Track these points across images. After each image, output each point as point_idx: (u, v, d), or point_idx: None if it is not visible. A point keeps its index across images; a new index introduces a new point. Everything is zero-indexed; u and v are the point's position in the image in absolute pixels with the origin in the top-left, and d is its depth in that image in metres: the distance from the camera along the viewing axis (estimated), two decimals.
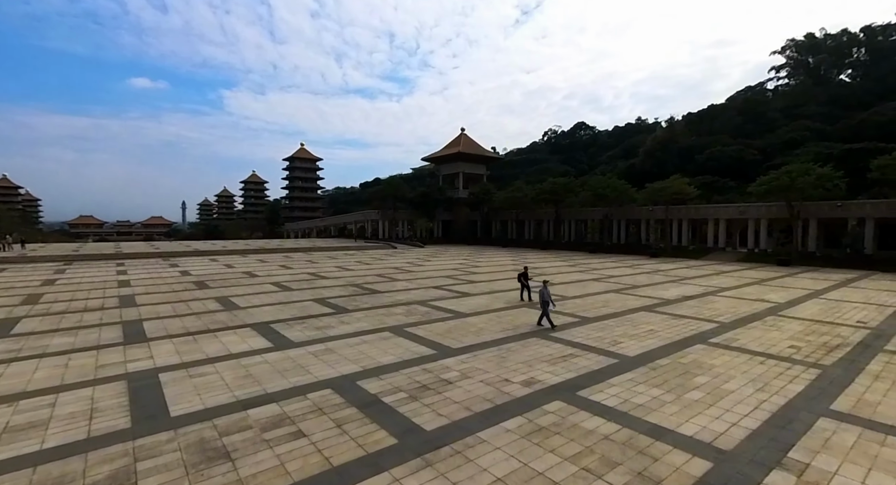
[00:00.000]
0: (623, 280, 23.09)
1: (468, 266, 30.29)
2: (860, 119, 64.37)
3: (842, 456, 5.64)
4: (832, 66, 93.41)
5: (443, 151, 67.90)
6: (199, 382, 8.23)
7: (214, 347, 10.55)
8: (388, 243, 53.40)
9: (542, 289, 12.37)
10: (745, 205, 39.02)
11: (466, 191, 64.42)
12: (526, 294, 16.97)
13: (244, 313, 14.45)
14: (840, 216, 34.11)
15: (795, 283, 22.48)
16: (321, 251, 44.57)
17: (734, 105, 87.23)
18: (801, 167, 33.78)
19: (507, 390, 7.78)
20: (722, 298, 17.64)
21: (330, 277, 23.84)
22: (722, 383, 8.16)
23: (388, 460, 5.50)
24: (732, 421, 6.63)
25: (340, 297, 17.63)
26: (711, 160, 66.40)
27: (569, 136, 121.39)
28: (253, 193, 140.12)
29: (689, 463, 5.44)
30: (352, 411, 6.93)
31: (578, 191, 48.29)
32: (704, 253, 39.29)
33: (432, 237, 63.60)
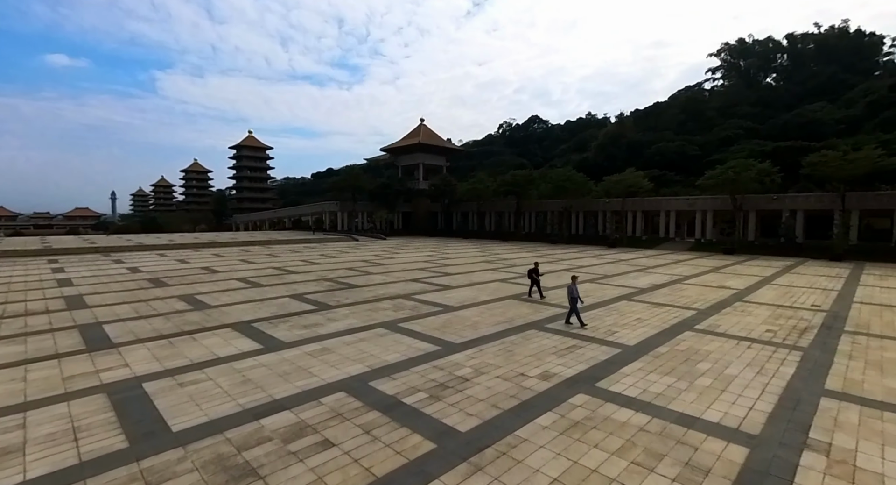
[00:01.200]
0: (593, 270, 23.84)
1: (438, 258, 30.07)
2: (785, 119, 70.14)
3: (854, 434, 6.04)
4: (760, 70, 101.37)
5: (402, 141, 66.80)
6: (192, 390, 7.47)
7: (197, 350, 9.65)
8: (349, 236, 51.96)
9: (571, 285, 11.75)
10: (694, 197, 41.59)
11: (427, 182, 63.92)
12: (536, 292, 15.66)
13: (218, 313, 13.39)
14: (775, 208, 37.22)
15: (745, 270, 24.24)
16: (280, 244, 42.55)
17: (676, 103, 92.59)
18: (742, 163, 36.46)
19: (528, 385, 7.70)
20: (689, 286, 18.64)
21: (299, 272, 22.74)
22: (724, 369, 8.54)
23: (435, 467, 5.22)
24: (748, 405, 6.93)
25: (317, 292, 16.84)
26: (657, 155, 69.97)
27: (523, 129, 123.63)
28: (195, 183, 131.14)
29: (727, 450, 5.60)
30: (375, 415, 6.54)
31: (539, 183, 49.30)
32: (657, 243, 41.55)
33: (392, 229, 62.71)
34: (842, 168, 31.14)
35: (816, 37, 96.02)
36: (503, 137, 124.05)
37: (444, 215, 63.03)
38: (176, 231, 72.83)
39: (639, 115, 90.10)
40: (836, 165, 31.35)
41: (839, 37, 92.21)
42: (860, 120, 62.66)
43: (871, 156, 30.39)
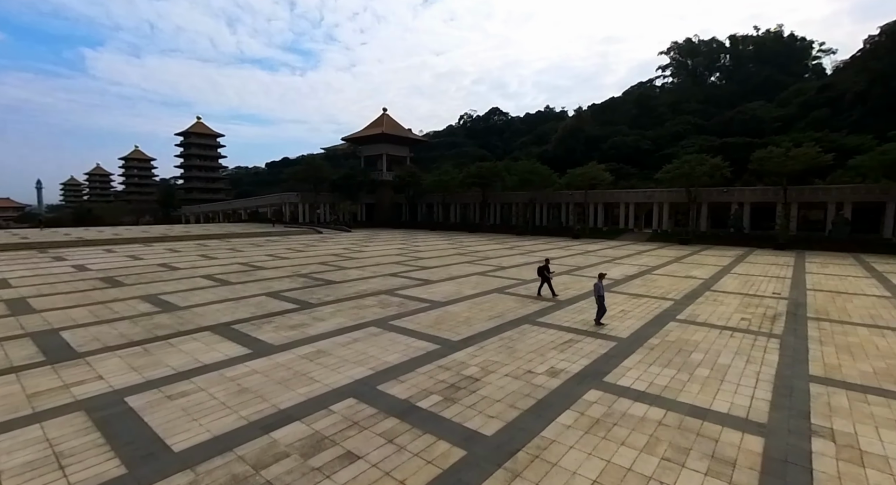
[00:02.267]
0: (565, 262, 24.39)
1: (410, 251, 29.69)
2: (729, 116, 74.50)
3: (849, 418, 6.47)
4: (706, 69, 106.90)
5: (365, 131, 65.16)
6: (185, 404, 6.86)
7: (178, 358, 8.91)
8: (312, 228, 50.27)
9: (598, 283, 11.39)
10: (651, 190, 43.51)
11: (391, 173, 62.90)
12: (547, 289, 14.79)
13: (190, 314, 12.47)
14: (725, 201, 39.67)
15: (704, 260, 25.67)
16: (240, 238, 40.46)
17: (630, 99, 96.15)
18: (697, 158, 38.48)
19: (538, 383, 7.68)
20: (659, 276, 19.46)
21: (268, 268, 21.68)
22: (716, 359, 8.92)
23: (471, 476, 5.06)
24: (749, 394, 7.27)
25: (294, 289, 16.10)
26: (613, 148, 72.51)
27: (484, 121, 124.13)
28: (137, 172, 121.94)
29: (745, 440, 5.82)
30: (394, 422, 6.28)
31: (504, 175, 49.74)
32: (617, 234, 43.21)
33: (356, 221, 61.37)
34: (784, 164, 33.52)
35: (755, 39, 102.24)
36: (464, 128, 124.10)
37: (408, 207, 62.38)
38: (116, 224, 67.55)
39: (596, 110, 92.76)
40: (780, 161, 33.71)
41: (774, 40, 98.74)
42: (794, 118, 67.47)
43: (809, 153, 32.91)
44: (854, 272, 21.13)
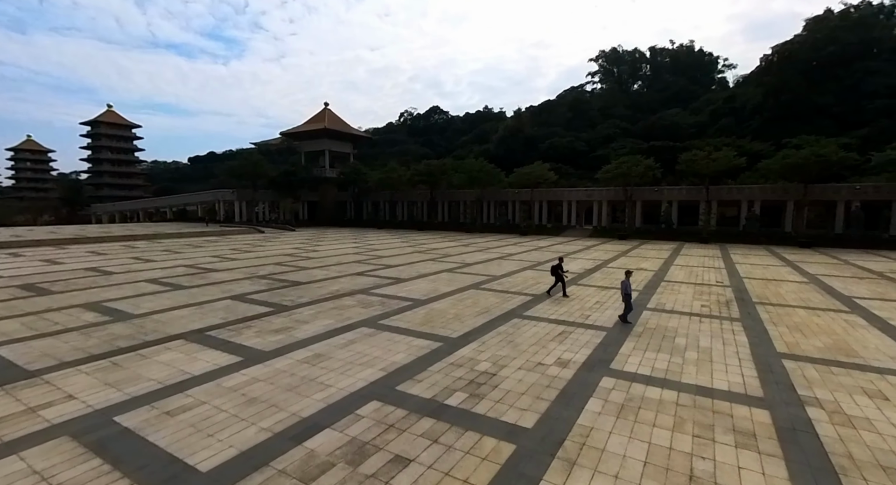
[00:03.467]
0: (523, 258, 25.18)
1: (367, 250, 29.00)
2: (651, 122, 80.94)
3: (825, 387, 7.38)
4: (630, 77, 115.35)
5: (305, 125, 62.45)
6: (190, 419, 6.20)
7: (158, 370, 8.00)
8: (252, 227, 47.28)
9: (625, 280, 11.26)
10: (592, 189, 46.21)
11: (334, 170, 60.93)
12: (559, 289, 14.47)
13: (151, 322, 11.23)
14: (656, 199, 43.17)
15: (646, 254, 27.78)
16: (172, 239, 37.00)
17: (564, 102, 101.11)
18: (632, 159, 41.46)
19: (553, 374, 7.90)
20: (615, 269, 20.76)
21: (219, 270, 20.09)
22: (697, 342, 9.73)
23: (531, 468, 5.11)
24: (738, 372, 8.02)
25: (261, 292, 15.09)
26: (551, 149, 75.83)
27: (424, 119, 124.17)
28: (31, 165, 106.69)
29: (754, 413, 6.43)
30: (430, 422, 6.15)
31: (452, 174, 50.20)
32: (561, 230, 45.39)
33: (297, 220, 58.75)
34: (707, 165, 37.21)
35: (671, 52, 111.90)
36: (405, 125, 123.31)
37: (354, 205, 60.78)
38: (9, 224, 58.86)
39: (534, 111, 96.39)
40: (703, 163, 37.37)
41: (687, 54, 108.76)
42: (706, 125, 74.68)
43: (728, 156, 36.81)
44: (771, 262, 24.00)
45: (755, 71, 79.93)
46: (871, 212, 35.21)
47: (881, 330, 10.86)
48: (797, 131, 50.38)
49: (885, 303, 13.90)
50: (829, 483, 4.84)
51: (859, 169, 35.79)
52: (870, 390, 7.25)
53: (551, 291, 14.75)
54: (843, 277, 19.07)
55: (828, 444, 5.62)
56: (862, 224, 34.79)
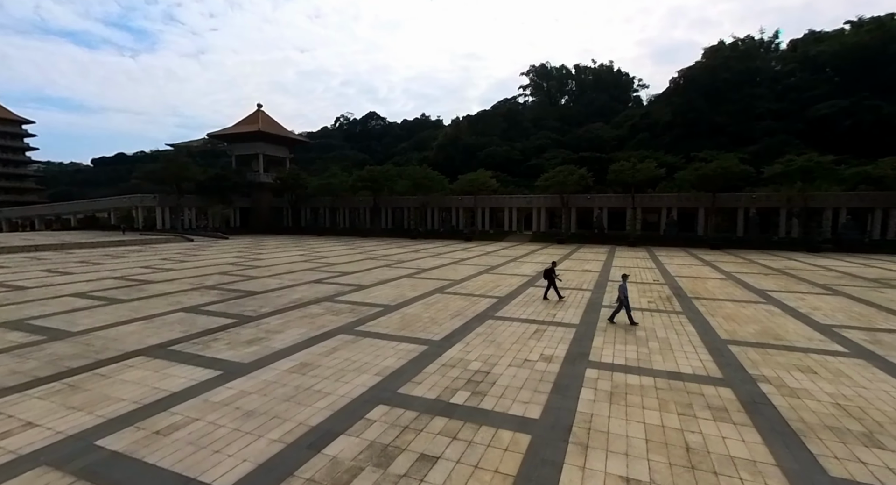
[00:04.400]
0: (476, 262, 25.87)
1: (316, 257, 28.07)
2: (579, 134, 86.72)
3: (769, 366, 8.59)
4: (558, 92, 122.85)
5: (237, 128, 58.95)
6: (187, 436, 5.80)
7: (128, 389, 7.31)
8: (179, 235, 43.54)
9: (622, 284, 11.64)
10: (531, 196, 48.49)
11: (270, 175, 58.09)
12: (553, 293, 14.75)
13: (97, 340, 10.12)
14: (589, 206, 46.36)
15: (586, 256, 29.78)
16: (85, 249, 33.02)
17: (500, 112, 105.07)
18: (567, 168, 44.24)
19: (541, 368, 8.38)
20: (563, 271, 22.02)
21: (157, 281, 18.41)
22: (655, 334, 10.78)
23: (551, 453, 5.47)
24: (697, 357, 9.05)
25: (215, 303, 14.13)
26: (489, 157, 78.42)
27: (361, 124, 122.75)
28: None
29: (720, 391, 7.34)
30: (444, 421, 6.30)
31: (396, 180, 50.13)
32: (503, 236, 47.08)
33: (228, 227, 55.11)
34: (633, 176, 40.76)
35: (593, 70, 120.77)
36: (341, 131, 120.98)
37: (291, 211, 58.26)
38: None
39: (471, 120, 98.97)
40: (630, 174, 40.88)
41: (608, 73, 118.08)
42: (626, 138, 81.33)
43: (650, 167, 40.60)
44: (693, 262, 26.88)
45: (665, 91, 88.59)
46: (764, 217, 40.65)
47: (794, 317, 12.74)
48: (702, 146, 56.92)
49: (790, 294, 16.25)
50: (794, 443, 5.72)
51: (752, 180, 41.19)
52: (801, 367, 8.56)
53: (547, 294, 14.91)
54: (752, 273, 21.90)
55: (784, 412, 6.61)
56: (758, 228, 40.06)
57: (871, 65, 63.15)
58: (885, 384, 7.78)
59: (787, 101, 68.08)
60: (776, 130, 62.14)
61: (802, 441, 5.78)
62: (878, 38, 65.13)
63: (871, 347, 9.89)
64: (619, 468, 5.15)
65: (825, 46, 73.14)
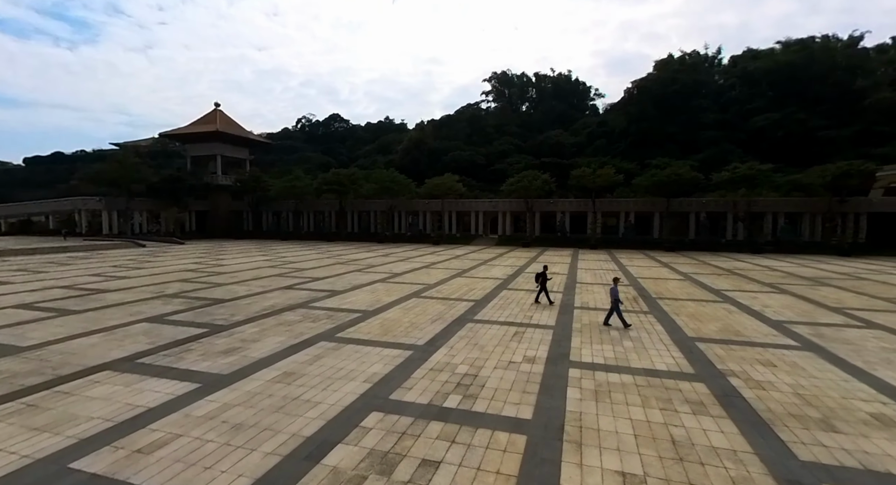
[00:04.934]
0: (447, 266, 26.01)
1: (282, 263, 27.24)
2: (539, 140, 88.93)
3: (733, 362, 9.20)
4: (519, 99, 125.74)
5: (193, 127, 56.29)
6: (172, 453, 5.53)
7: (96, 407, 6.86)
8: (129, 240, 40.92)
9: (613, 287, 12.10)
10: (497, 200, 49.30)
11: (229, 177, 55.86)
12: (544, 297, 14.93)
13: (55, 355, 9.39)
14: (552, 210, 47.70)
15: (552, 259, 30.62)
16: (22, 256, 30.38)
17: (463, 117, 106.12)
18: (531, 174, 45.35)
19: (526, 370, 8.58)
20: (534, 274, 22.55)
21: (112, 290, 17.27)
22: (629, 333, 11.28)
23: (549, 452, 5.64)
24: (670, 355, 9.57)
25: (180, 312, 13.44)
26: (453, 161, 78.94)
27: (324, 126, 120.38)
28: None
29: (695, 387, 7.81)
30: (439, 425, 6.34)
31: (363, 183, 49.54)
32: (470, 239, 47.57)
33: (184, 231, 52.39)
34: (593, 181, 42.37)
35: (553, 78, 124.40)
36: (303, 132, 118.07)
37: (252, 215, 56.17)
38: None
39: (436, 125, 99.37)
40: (590, 179, 42.47)
41: (566, 81, 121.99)
42: (584, 145, 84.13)
43: (609, 173, 42.35)
44: (651, 264, 28.26)
45: (621, 101, 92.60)
46: (713, 221, 43.35)
47: (749, 314, 13.70)
48: (654, 154, 59.98)
49: (743, 293, 17.46)
50: (766, 432, 6.19)
51: (702, 187, 43.85)
52: (762, 360, 9.24)
53: (539, 298, 15.10)
54: (706, 274, 23.32)
55: (753, 403, 7.13)
56: (708, 231, 42.67)
57: (799, 82, 68.90)
58: (832, 374, 8.54)
59: (729, 113, 72.94)
60: (720, 139, 66.40)
61: (773, 430, 6.26)
62: (804, 58, 71.28)
63: (816, 341, 10.81)
64: (613, 463, 5.39)
65: (760, 63, 79.02)
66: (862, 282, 20.71)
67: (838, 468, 5.33)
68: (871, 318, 13.21)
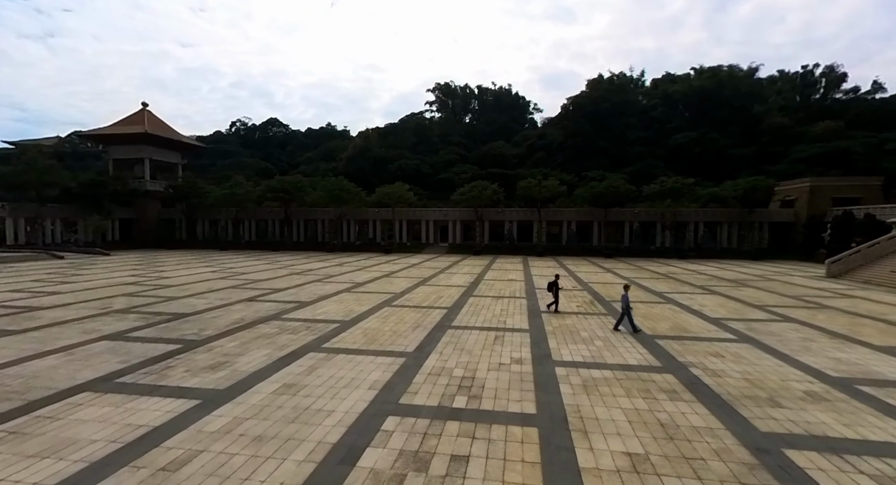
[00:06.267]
0: (407, 275, 26.28)
1: (232, 274, 25.94)
2: (483, 151, 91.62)
3: (690, 354, 10.52)
4: (462, 110, 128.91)
5: (117, 128, 51.66)
6: (200, 469, 5.49)
7: (94, 430, 6.50)
8: (43, 251, 36.57)
9: (625, 294, 12.86)
10: (447, 209, 50.23)
11: (160, 182, 51.89)
12: (554, 305, 15.45)
13: (14, 379, 8.56)
14: (500, 219, 49.54)
15: (505, 266, 31.95)
16: None
17: (409, 127, 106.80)
18: (480, 184, 46.85)
19: (517, 370, 9.25)
20: (492, 281, 23.57)
21: (47, 307, 15.63)
22: (596, 335, 12.38)
23: (560, 440, 6.30)
24: (637, 352, 10.71)
25: (141, 328, 12.61)
26: (399, 170, 79.19)
27: (262, 131, 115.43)
28: None
29: (665, 377, 8.91)
30: (456, 424, 6.79)
31: (310, 191, 48.29)
32: (422, 248, 48.01)
33: (105, 241, 47.70)
34: (539, 192, 44.72)
35: (494, 91, 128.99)
36: (238, 136, 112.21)
37: (186, 223, 52.43)
38: None
39: (381, 133, 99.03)
40: (536, 190, 44.78)
41: (507, 95, 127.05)
42: (525, 157, 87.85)
43: (553, 184, 44.95)
44: (596, 269, 30.46)
45: (558, 116, 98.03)
46: (644, 229, 47.39)
47: (691, 313, 15.49)
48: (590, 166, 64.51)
49: (681, 294, 19.55)
50: (730, 411, 7.31)
51: (634, 198, 47.85)
52: (712, 352, 10.66)
53: (550, 307, 15.63)
54: (646, 278, 25.66)
55: (714, 389, 8.31)
56: (640, 239, 46.59)
57: (711, 105, 77.57)
58: (768, 361, 10.09)
59: (652, 131, 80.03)
60: (646, 154, 72.71)
61: (735, 409, 7.41)
62: (714, 84, 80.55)
63: (749, 334, 12.57)
64: (618, 446, 6.16)
65: (678, 87, 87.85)
66: (772, 282, 23.96)
67: (790, 435, 6.50)
68: (786, 313, 15.52)
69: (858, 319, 14.64)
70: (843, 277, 25.98)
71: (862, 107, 71.57)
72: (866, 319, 14.80)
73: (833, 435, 6.50)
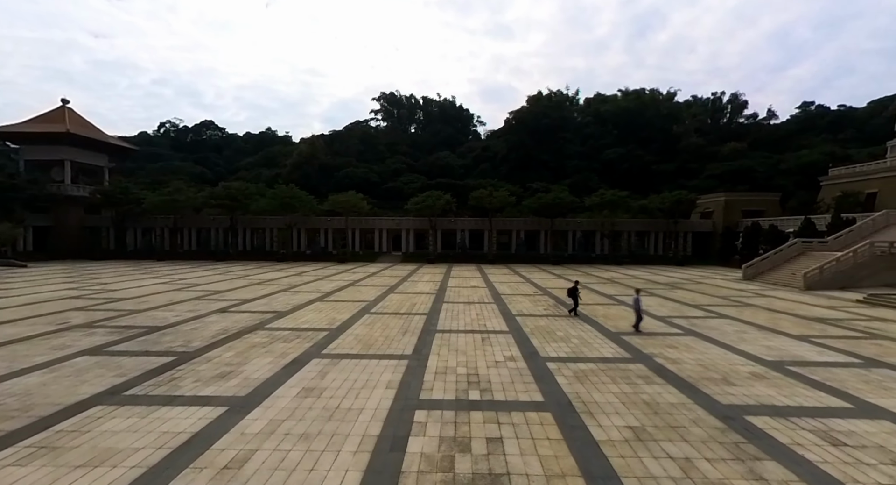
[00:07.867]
0: (370, 283, 26.57)
1: (187, 285, 24.69)
2: (430, 161, 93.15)
3: (652, 347, 12.17)
4: (408, 120, 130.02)
5: (33, 125, 46.55)
6: (262, 465, 5.90)
7: (132, 439, 6.57)
8: None
9: (637, 297, 14.43)
10: (400, 218, 50.74)
11: (83, 187, 47.41)
12: (573, 310, 16.66)
13: (9, 398, 8.12)
14: (453, 228, 50.93)
15: (463, 274, 33.16)
16: None
17: (354, 134, 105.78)
18: (434, 193, 48.02)
19: (514, 366, 10.29)
20: (457, 288, 24.60)
21: (6, 321, 14.29)
22: (570, 334, 13.78)
23: (573, 420, 7.39)
24: (609, 347, 12.19)
25: (118, 342, 12.08)
26: (347, 178, 78.46)
27: (194, 133, 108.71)
28: None
29: (637, 367, 10.38)
30: (479, 414, 7.63)
31: (258, 198, 46.65)
32: (375, 256, 48.06)
33: (16, 251, 42.70)
34: (490, 202, 46.74)
35: (439, 103, 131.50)
36: (168, 138, 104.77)
37: (115, 232, 48.22)
38: None
39: (327, 140, 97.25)
40: (487, 200, 46.76)
41: (451, 107, 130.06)
42: (471, 167, 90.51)
43: (504, 195, 47.19)
44: (548, 275, 32.60)
45: (502, 128, 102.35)
46: (586, 238, 51.04)
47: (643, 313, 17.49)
48: (532, 178, 68.24)
49: (629, 296, 21.77)
50: (696, 390, 8.84)
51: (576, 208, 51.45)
52: (667, 345, 12.41)
53: (573, 311, 16.72)
54: (595, 283, 28.02)
55: (678, 373, 9.89)
56: (583, 247, 50.12)
57: (635, 124, 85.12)
58: (715, 350, 11.98)
59: (587, 146, 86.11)
60: (582, 168, 78.10)
61: (699, 388, 8.96)
62: (638, 105, 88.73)
63: (693, 329, 14.64)
64: (620, 421, 7.36)
65: (608, 107, 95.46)
66: (701, 285, 27.27)
67: (746, 406, 8.09)
68: (719, 311, 18.06)
69: (776, 315, 17.44)
70: (756, 279, 30.13)
71: (761, 131, 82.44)
72: (781, 313, 17.68)
73: (778, 404, 8.18)
